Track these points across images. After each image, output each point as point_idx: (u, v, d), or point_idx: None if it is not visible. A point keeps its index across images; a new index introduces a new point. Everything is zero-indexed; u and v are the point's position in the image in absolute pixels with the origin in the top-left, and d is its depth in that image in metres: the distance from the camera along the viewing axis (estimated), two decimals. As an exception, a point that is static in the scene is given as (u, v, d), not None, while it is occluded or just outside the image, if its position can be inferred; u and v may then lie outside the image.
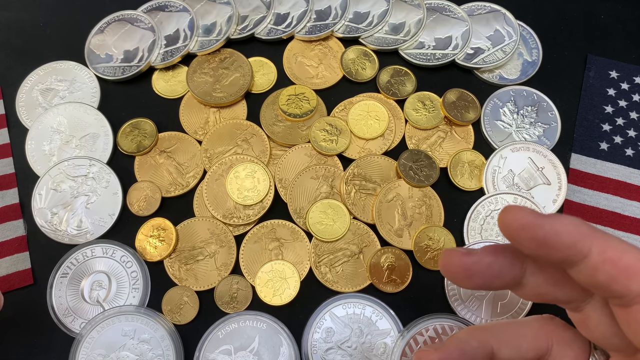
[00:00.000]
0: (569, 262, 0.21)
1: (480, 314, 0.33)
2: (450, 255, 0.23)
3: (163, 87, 0.40)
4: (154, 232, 0.35)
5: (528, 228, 0.21)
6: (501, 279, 0.23)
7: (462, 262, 0.23)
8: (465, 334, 0.25)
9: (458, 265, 0.23)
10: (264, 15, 0.41)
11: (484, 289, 0.24)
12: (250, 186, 0.36)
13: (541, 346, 0.24)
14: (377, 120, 0.38)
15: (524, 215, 0.21)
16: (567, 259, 0.21)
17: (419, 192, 0.36)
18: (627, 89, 0.40)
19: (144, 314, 0.33)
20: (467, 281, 0.23)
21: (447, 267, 0.23)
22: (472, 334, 0.25)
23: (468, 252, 0.23)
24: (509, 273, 0.23)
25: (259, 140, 0.38)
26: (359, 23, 0.41)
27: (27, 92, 0.39)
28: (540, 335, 0.25)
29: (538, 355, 0.24)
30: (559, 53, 0.41)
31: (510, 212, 0.21)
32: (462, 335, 0.25)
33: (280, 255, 0.35)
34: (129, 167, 0.37)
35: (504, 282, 0.23)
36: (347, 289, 0.34)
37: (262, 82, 0.40)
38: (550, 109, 0.39)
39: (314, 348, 0.33)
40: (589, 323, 0.23)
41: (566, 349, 0.24)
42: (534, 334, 0.25)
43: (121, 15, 0.41)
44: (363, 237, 0.35)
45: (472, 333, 0.25)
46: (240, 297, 0.34)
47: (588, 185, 0.37)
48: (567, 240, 0.21)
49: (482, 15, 0.42)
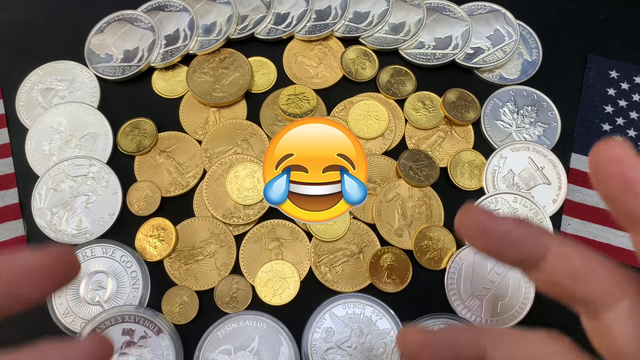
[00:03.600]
0: (526, 263, 0.21)
1: (480, 313, 0.33)
2: (470, 208, 0.21)
3: (163, 87, 0.39)
4: (154, 232, 0.35)
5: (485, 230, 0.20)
6: (517, 249, 0.21)
7: (480, 217, 0.21)
8: (460, 327, 0.24)
9: (475, 218, 0.21)
10: (264, 15, 0.41)
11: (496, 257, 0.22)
12: (250, 186, 0.36)
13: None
14: (377, 120, 0.38)
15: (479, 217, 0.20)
16: (524, 260, 0.21)
17: (419, 192, 0.36)
18: (627, 89, 0.40)
19: (143, 314, 0.33)
20: (480, 239, 0.21)
21: (463, 217, 0.22)
22: (466, 328, 0.24)
23: (490, 212, 0.21)
24: (527, 246, 0.21)
25: (259, 140, 0.38)
26: (359, 23, 0.41)
27: (27, 91, 0.39)
28: (543, 350, 0.23)
29: None
30: (559, 53, 0.41)
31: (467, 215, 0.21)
32: (456, 327, 0.24)
33: (280, 255, 0.35)
34: (128, 166, 0.37)
35: (520, 255, 0.21)
36: (347, 289, 0.34)
37: (262, 82, 0.40)
38: (550, 108, 0.39)
39: (314, 348, 0.33)
40: (606, 334, 0.21)
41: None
42: (534, 347, 0.23)
43: (121, 15, 0.41)
44: (363, 236, 0.35)
45: (467, 328, 0.24)
46: (240, 297, 0.34)
47: (588, 185, 0.37)
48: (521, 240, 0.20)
49: (482, 15, 0.42)
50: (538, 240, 0.21)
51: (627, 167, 0.18)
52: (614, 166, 0.18)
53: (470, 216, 0.21)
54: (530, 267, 0.22)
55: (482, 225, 0.21)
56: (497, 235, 0.21)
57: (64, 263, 0.20)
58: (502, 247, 0.21)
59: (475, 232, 0.21)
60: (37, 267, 0.20)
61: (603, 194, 0.19)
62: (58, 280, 0.20)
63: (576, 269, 0.21)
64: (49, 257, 0.20)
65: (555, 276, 0.21)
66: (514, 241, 0.21)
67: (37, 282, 0.20)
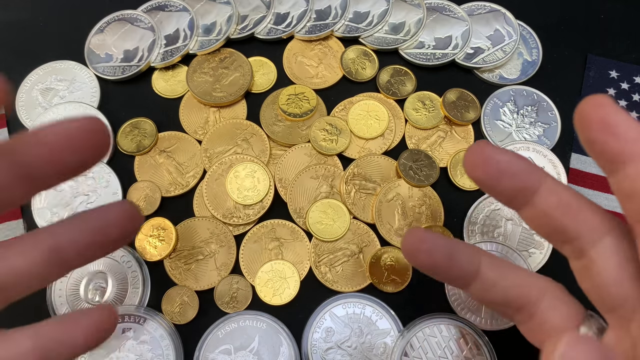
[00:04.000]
0: (521, 196, 0.22)
1: (480, 313, 0.33)
2: (479, 143, 0.23)
3: (163, 87, 0.40)
4: (154, 231, 0.35)
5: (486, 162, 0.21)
6: (515, 180, 0.22)
7: (487, 147, 0.22)
8: (461, 241, 0.24)
9: (482, 148, 0.22)
10: (264, 14, 0.41)
11: (492, 188, 0.23)
12: (250, 186, 0.36)
13: (529, 291, 0.24)
14: (377, 120, 0.38)
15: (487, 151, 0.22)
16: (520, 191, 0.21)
17: (419, 192, 0.36)
18: (627, 89, 0.40)
19: (143, 313, 0.33)
20: (483, 167, 0.22)
21: (471, 149, 0.22)
22: (467, 244, 0.25)
23: (495, 146, 0.22)
24: (525, 178, 0.22)
25: (259, 140, 0.38)
26: (359, 23, 0.41)
27: (27, 91, 0.39)
28: (533, 282, 0.24)
29: (523, 298, 0.24)
30: (559, 53, 0.41)
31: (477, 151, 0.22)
32: (456, 240, 0.25)
33: (280, 255, 0.35)
34: (128, 166, 0.37)
35: (517, 185, 0.22)
36: (347, 289, 0.34)
37: (262, 82, 0.40)
38: (550, 108, 0.39)
39: (314, 348, 0.33)
40: (592, 268, 0.22)
41: (558, 305, 0.23)
42: (527, 277, 0.24)
43: (121, 14, 0.41)
44: (363, 236, 0.35)
45: (467, 243, 0.25)
46: (240, 297, 0.34)
47: (588, 184, 0.37)
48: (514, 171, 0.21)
49: (482, 15, 0.42)
50: (535, 174, 0.22)
51: (607, 112, 0.19)
52: (596, 111, 0.19)
53: (476, 147, 0.22)
54: (523, 201, 0.23)
55: (486, 154, 0.22)
56: (499, 164, 0.22)
57: (98, 129, 0.21)
58: (501, 176, 0.22)
59: (479, 162, 0.22)
60: (77, 131, 0.21)
61: (585, 139, 0.20)
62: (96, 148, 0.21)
63: (567, 203, 0.22)
64: (86, 123, 0.21)
65: (547, 209, 0.22)
66: (513, 172, 0.22)
67: (78, 148, 0.21)
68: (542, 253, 0.35)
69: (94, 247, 0.23)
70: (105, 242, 0.23)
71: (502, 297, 0.24)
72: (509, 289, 0.24)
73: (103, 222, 0.23)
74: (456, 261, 0.24)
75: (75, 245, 0.23)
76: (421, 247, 0.24)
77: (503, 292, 0.24)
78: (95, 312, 0.24)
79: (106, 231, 0.23)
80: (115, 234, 0.23)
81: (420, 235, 0.24)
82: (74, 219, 0.23)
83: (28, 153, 0.20)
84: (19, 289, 0.22)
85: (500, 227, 0.36)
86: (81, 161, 0.21)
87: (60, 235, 0.23)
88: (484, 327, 0.33)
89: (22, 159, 0.20)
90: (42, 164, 0.20)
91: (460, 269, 0.24)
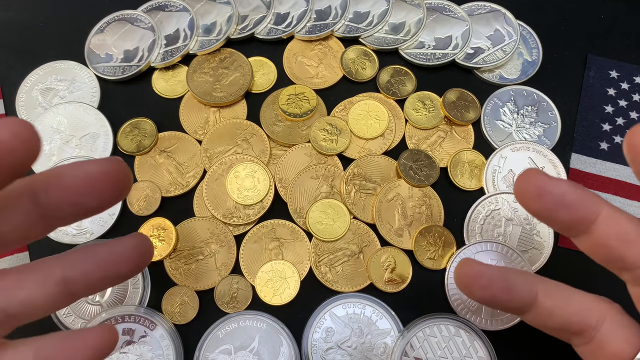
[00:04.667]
0: (578, 226, 0.21)
1: (480, 314, 0.33)
2: (529, 171, 0.22)
3: (163, 87, 0.40)
4: (154, 231, 0.35)
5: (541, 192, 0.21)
6: (572, 211, 0.21)
7: (539, 178, 0.22)
8: (516, 269, 0.24)
9: (534, 179, 0.22)
10: (264, 15, 0.41)
11: (549, 220, 0.22)
12: (250, 186, 0.36)
13: (590, 316, 0.23)
14: (377, 120, 0.38)
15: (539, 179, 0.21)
16: (577, 222, 0.21)
17: (419, 192, 0.36)
18: (627, 89, 0.40)
19: (143, 314, 0.33)
20: (537, 200, 0.22)
21: (521, 179, 0.22)
22: (523, 271, 0.24)
23: (547, 175, 0.22)
24: (581, 208, 0.21)
25: (259, 140, 0.38)
26: (359, 23, 0.41)
27: (27, 91, 0.39)
28: (593, 306, 0.23)
29: (583, 324, 0.23)
30: (559, 53, 0.41)
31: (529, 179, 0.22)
32: (513, 268, 0.24)
33: (280, 255, 0.35)
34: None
35: (574, 217, 0.22)
36: (347, 289, 0.34)
37: (262, 82, 0.40)
38: (550, 108, 0.39)
39: (314, 348, 0.33)
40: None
41: (618, 329, 0.23)
42: (585, 302, 0.23)
43: (121, 14, 0.41)
44: (363, 236, 0.35)
45: (523, 271, 0.24)
46: (240, 297, 0.34)
47: (588, 185, 0.37)
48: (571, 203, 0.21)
49: (482, 15, 0.42)
50: (592, 203, 0.22)
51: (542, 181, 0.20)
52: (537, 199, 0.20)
53: (528, 178, 0.22)
54: (581, 230, 0.22)
55: (540, 185, 0.22)
56: (554, 195, 0.21)
57: (120, 171, 0.21)
58: (558, 208, 0.22)
59: (533, 193, 0.22)
60: (98, 174, 0.21)
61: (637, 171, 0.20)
62: (116, 190, 0.21)
63: (627, 233, 0.21)
64: (107, 165, 0.21)
65: (606, 239, 0.21)
66: (569, 203, 0.21)
67: (98, 191, 0.21)
68: (542, 253, 0.35)
69: (104, 281, 0.23)
70: (115, 276, 0.24)
71: (561, 323, 0.24)
72: (569, 315, 0.23)
73: (115, 257, 0.23)
74: (514, 293, 0.23)
75: (85, 279, 0.23)
76: (478, 282, 0.23)
77: (562, 319, 0.23)
78: (97, 331, 0.24)
79: (117, 266, 0.23)
80: (126, 269, 0.23)
81: (475, 269, 0.23)
82: (85, 251, 0.23)
83: (48, 195, 0.20)
84: (28, 318, 0.22)
85: (500, 227, 0.36)
86: (101, 203, 0.21)
87: (71, 267, 0.23)
88: (484, 327, 0.33)
89: (42, 200, 0.21)
90: (61, 206, 0.21)
91: (518, 300, 0.23)
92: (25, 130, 0.18)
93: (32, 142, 0.18)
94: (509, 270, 0.24)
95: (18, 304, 0.22)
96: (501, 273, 0.24)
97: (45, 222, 0.21)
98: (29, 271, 0.22)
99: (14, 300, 0.21)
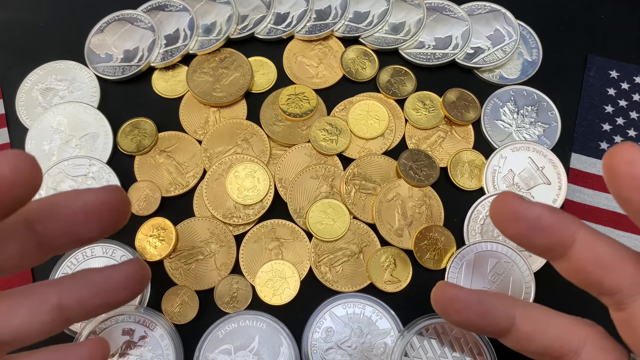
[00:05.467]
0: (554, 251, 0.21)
1: (480, 313, 0.33)
2: (504, 194, 0.22)
3: (163, 87, 0.40)
4: (154, 231, 0.35)
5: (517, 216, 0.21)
6: (546, 236, 0.21)
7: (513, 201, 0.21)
8: (493, 292, 0.24)
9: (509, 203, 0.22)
10: (264, 14, 0.41)
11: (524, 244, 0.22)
12: (250, 186, 0.36)
13: (570, 340, 0.22)
14: (377, 120, 0.38)
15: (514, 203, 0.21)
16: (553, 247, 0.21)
17: (419, 192, 0.36)
18: (627, 89, 0.40)
19: (143, 314, 0.33)
20: (511, 224, 0.22)
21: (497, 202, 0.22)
22: (500, 295, 0.24)
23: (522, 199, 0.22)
24: (556, 233, 0.21)
25: (259, 140, 0.38)
26: (359, 23, 0.41)
27: (27, 91, 0.39)
28: (574, 330, 0.23)
29: (563, 349, 0.23)
30: (559, 53, 0.41)
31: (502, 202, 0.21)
32: (491, 291, 0.24)
33: (280, 254, 0.35)
34: (128, 166, 0.37)
35: (548, 242, 0.21)
36: (347, 289, 0.34)
37: (262, 82, 0.40)
38: (550, 108, 0.39)
39: (314, 348, 0.33)
40: (633, 323, 0.21)
41: (599, 354, 0.22)
42: (566, 325, 0.23)
43: (121, 14, 0.41)
44: (363, 236, 0.35)
45: (500, 294, 0.24)
46: (240, 297, 0.34)
47: (588, 185, 0.37)
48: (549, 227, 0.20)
49: (482, 15, 0.42)
50: (567, 227, 0.21)
51: (638, 167, 0.18)
52: (626, 167, 0.18)
53: (503, 202, 0.22)
54: (557, 255, 0.22)
55: (515, 209, 0.21)
56: (529, 220, 0.21)
57: (119, 201, 0.21)
58: (532, 232, 0.21)
59: (508, 217, 0.21)
60: (97, 204, 0.20)
61: (616, 195, 0.19)
62: (114, 220, 0.21)
63: (603, 258, 0.21)
64: (105, 195, 0.21)
65: (583, 264, 0.21)
66: (544, 227, 0.21)
67: (95, 222, 0.21)
68: (542, 253, 0.35)
69: (100, 308, 0.23)
70: (111, 303, 0.23)
71: (541, 347, 0.23)
72: (548, 340, 0.23)
73: (111, 285, 0.23)
74: (490, 318, 0.23)
75: (81, 306, 0.23)
76: (453, 306, 0.23)
77: (541, 343, 0.23)
78: (89, 344, 0.24)
79: (114, 294, 0.23)
80: (122, 296, 0.23)
81: (450, 293, 0.23)
82: (82, 277, 0.23)
83: (45, 226, 0.20)
84: (22, 343, 0.22)
85: (500, 227, 0.36)
86: (99, 234, 0.21)
87: (67, 294, 0.22)
88: (484, 327, 0.33)
89: (39, 229, 0.20)
90: (58, 236, 0.21)
91: (494, 324, 0.23)
92: (25, 164, 0.17)
93: (32, 177, 0.18)
94: (486, 293, 0.24)
95: (12, 331, 0.21)
96: (477, 297, 0.23)
97: (41, 250, 0.21)
98: (23, 297, 0.22)
99: (7, 328, 0.21)
